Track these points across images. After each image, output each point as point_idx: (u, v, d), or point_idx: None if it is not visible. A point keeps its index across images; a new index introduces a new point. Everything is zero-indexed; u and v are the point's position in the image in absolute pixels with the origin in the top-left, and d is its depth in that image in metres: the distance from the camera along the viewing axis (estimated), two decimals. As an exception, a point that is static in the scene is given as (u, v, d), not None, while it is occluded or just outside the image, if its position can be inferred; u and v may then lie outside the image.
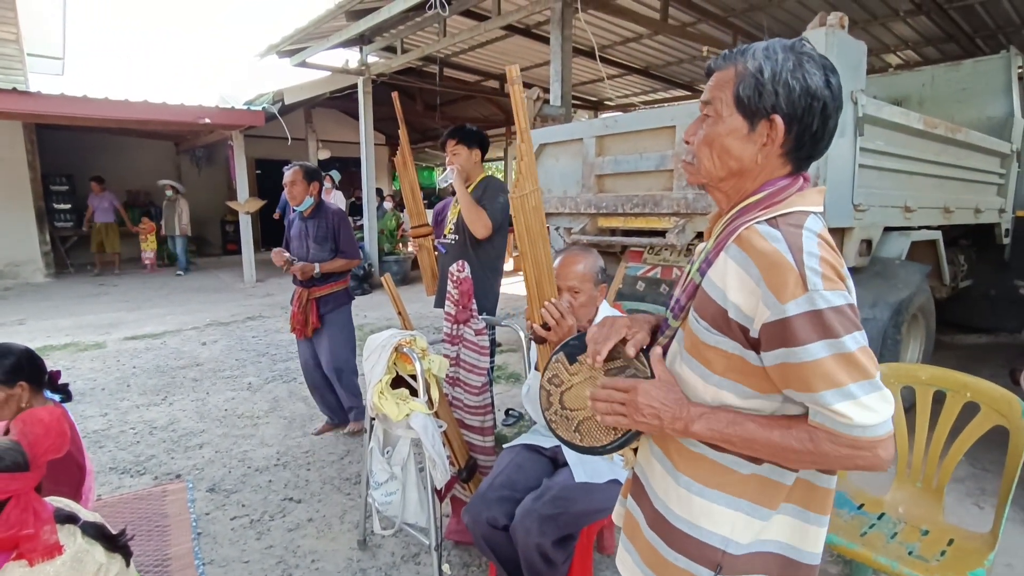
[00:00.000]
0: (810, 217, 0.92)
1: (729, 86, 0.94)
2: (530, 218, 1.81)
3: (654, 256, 3.81)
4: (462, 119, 13.56)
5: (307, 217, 3.49)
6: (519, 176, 1.81)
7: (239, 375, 4.82)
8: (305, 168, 3.44)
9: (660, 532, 1.05)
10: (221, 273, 10.89)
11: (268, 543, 2.51)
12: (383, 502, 2.15)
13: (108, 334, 6.19)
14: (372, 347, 2.16)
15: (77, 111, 7.72)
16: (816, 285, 0.83)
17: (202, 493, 2.93)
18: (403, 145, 3.47)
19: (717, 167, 0.97)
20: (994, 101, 4.96)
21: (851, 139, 3.00)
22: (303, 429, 3.70)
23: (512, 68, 1.69)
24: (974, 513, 2.67)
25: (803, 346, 0.83)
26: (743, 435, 0.90)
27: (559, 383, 1.16)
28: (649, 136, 3.50)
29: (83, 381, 4.63)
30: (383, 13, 6.10)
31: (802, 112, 0.91)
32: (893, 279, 3.40)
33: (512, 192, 1.84)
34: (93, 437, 3.56)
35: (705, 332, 0.94)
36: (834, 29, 2.77)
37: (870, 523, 1.93)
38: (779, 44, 0.93)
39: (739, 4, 6.94)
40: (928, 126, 3.63)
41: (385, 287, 2.43)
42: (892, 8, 6.67)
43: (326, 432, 3.64)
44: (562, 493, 1.81)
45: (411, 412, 2.03)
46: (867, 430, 0.83)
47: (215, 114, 8.65)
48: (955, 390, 1.95)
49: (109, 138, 11.59)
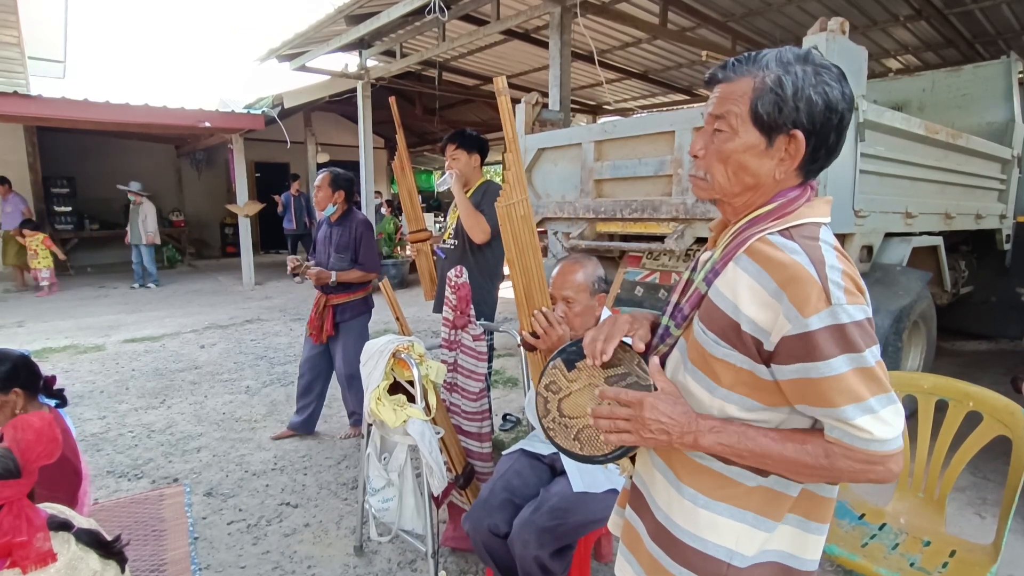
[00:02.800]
0: (822, 228, 0.92)
1: (744, 100, 0.90)
2: (518, 227, 1.81)
3: (653, 261, 3.80)
4: (461, 123, 13.56)
5: (333, 223, 3.49)
6: (507, 185, 1.81)
7: (237, 378, 4.80)
8: (334, 175, 3.42)
9: (663, 544, 1.03)
10: (220, 276, 10.88)
11: (264, 548, 2.49)
12: (380, 508, 2.14)
13: (107, 336, 6.18)
14: (370, 353, 2.14)
15: (78, 114, 7.74)
16: (840, 299, 0.82)
17: (199, 497, 2.92)
18: (400, 150, 3.46)
19: (732, 183, 0.94)
20: (995, 106, 4.96)
21: (852, 145, 2.99)
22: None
23: (499, 79, 1.70)
24: (976, 523, 2.65)
25: (825, 361, 0.82)
26: (755, 449, 0.89)
27: (557, 390, 1.14)
28: (648, 141, 3.49)
29: (82, 384, 4.62)
30: (382, 18, 6.10)
31: (821, 126, 0.89)
32: (894, 286, 3.39)
33: (499, 201, 1.83)
34: (91, 440, 3.55)
35: (713, 344, 0.92)
36: (835, 35, 2.76)
37: (871, 534, 1.91)
38: (792, 54, 0.90)
39: (738, 9, 6.95)
40: (929, 131, 3.63)
41: (383, 292, 2.42)
42: (892, 13, 6.67)
43: (284, 438, 3.60)
44: (560, 504, 1.79)
45: (408, 418, 2.02)
46: (884, 444, 0.83)
47: (215, 118, 8.66)
48: (957, 399, 1.94)
49: (110, 141, 11.60)
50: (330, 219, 3.50)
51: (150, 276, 9.59)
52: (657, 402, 0.94)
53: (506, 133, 1.79)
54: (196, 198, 13.36)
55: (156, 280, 9.66)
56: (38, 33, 8.36)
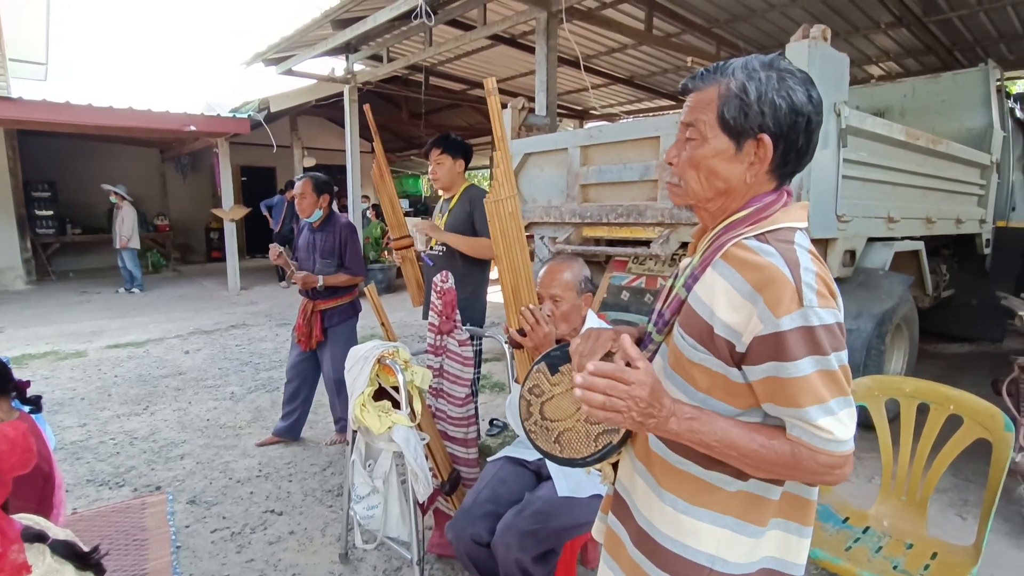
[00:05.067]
0: (797, 233, 0.93)
1: (711, 107, 0.93)
2: (506, 223, 1.82)
3: (638, 266, 3.82)
4: (448, 127, 13.55)
5: (316, 229, 3.44)
6: (495, 182, 1.83)
7: (222, 384, 4.75)
8: (315, 179, 3.38)
9: (645, 551, 1.03)
10: (205, 281, 10.78)
11: (248, 556, 2.46)
12: (365, 516, 2.12)
13: (90, 342, 6.09)
14: (354, 359, 2.13)
15: (59, 117, 7.64)
16: (811, 301, 0.84)
17: (182, 505, 2.88)
18: (379, 157, 3.43)
19: (705, 188, 0.96)
20: (973, 113, 5.04)
21: (834, 150, 3.02)
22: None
23: (489, 80, 1.73)
24: (957, 524, 2.68)
25: (793, 361, 0.84)
26: (724, 438, 0.88)
27: (540, 393, 1.15)
28: (633, 146, 3.51)
29: (62, 391, 4.54)
30: (369, 22, 6.09)
31: (788, 129, 0.91)
32: (877, 289, 3.42)
33: (488, 198, 1.85)
34: (71, 448, 3.49)
35: (690, 349, 0.94)
36: (817, 41, 2.80)
37: (855, 537, 1.92)
38: (758, 61, 0.93)
39: (722, 15, 7.02)
40: (910, 137, 3.68)
41: (368, 297, 2.40)
42: (873, 20, 6.78)
43: (268, 444, 3.57)
44: (543, 508, 1.78)
45: (393, 425, 2.00)
46: (842, 444, 0.86)
47: (200, 121, 8.60)
48: (939, 403, 1.96)
49: (93, 145, 11.47)
50: (313, 225, 3.46)
51: (135, 280, 9.41)
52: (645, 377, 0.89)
53: (495, 132, 1.82)
54: (181, 202, 13.24)
55: (140, 285, 9.48)
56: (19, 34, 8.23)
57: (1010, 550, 2.45)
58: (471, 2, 5.96)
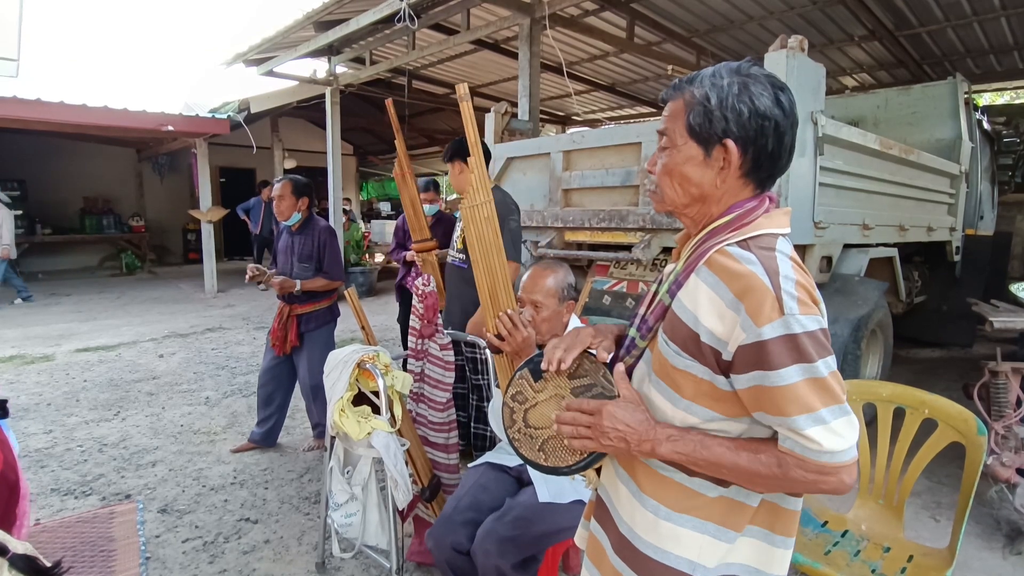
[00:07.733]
0: (780, 239, 0.94)
1: (681, 116, 0.95)
2: (482, 228, 1.82)
3: (620, 270, 3.83)
4: (431, 131, 13.54)
5: (295, 232, 3.39)
6: (470, 188, 1.83)
7: (197, 389, 4.65)
8: (294, 182, 3.33)
9: (626, 558, 1.02)
10: (181, 283, 10.57)
11: (222, 567, 2.40)
12: (343, 524, 2.08)
13: (58, 346, 5.92)
14: (333, 363, 2.09)
15: (30, 114, 7.45)
16: (792, 309, 0.84)
17: (153, 514, 2.80)
18: (401, 157, 3.39)
19: (679, 194, 0.98)
20: (942, 124, 5.18)
21: (811, 158, 3.07)
22: (262, 446, 3.58)
23: (460, 86, 1.76)
24: (931, 527, 2.72)
25: (777, 370, 0.83)
26: (710, 458, 0.90)
27: (523, 400, 1.13)
28: (615, 152, 3.53)
29: (27, 396, 4.40)
30: (351, 25, 6.04)
31: (755, 134, 0.91)
32: (853, 295, 3.48)
33: (463, 203, 1.85)
34: (34, 456, 3.38)
35: (675, 356, 0.93)
36: (795, 51, 2.85)
37: (834, 541, 1.94)
38: (725, 68, 0.94)
39: (702, 25, 7.12)
40: (884, 147, 3.76)
41: (348, 301, 2.37)
42: (847, 33, 6.93)
43: (244, 450, 3.50)
44: (523, 514, 1.77)
45: (373, 430, 1.97)
46: (835, 456, 0.84)
47: (179, 122, 8.45)
48: (914, 407, 1.99)
49: (66, 143, 11.20)
50: (291, 228, 3.40)
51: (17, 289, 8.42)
52: (616, 410, 0.95)
53: (469, 137, 1.83)
54: (158, 203, 12.98)
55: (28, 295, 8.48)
56: (-11, 30, 8.04)
57: (982, 552, 2.49)
58: (455, 7, 5.95)
